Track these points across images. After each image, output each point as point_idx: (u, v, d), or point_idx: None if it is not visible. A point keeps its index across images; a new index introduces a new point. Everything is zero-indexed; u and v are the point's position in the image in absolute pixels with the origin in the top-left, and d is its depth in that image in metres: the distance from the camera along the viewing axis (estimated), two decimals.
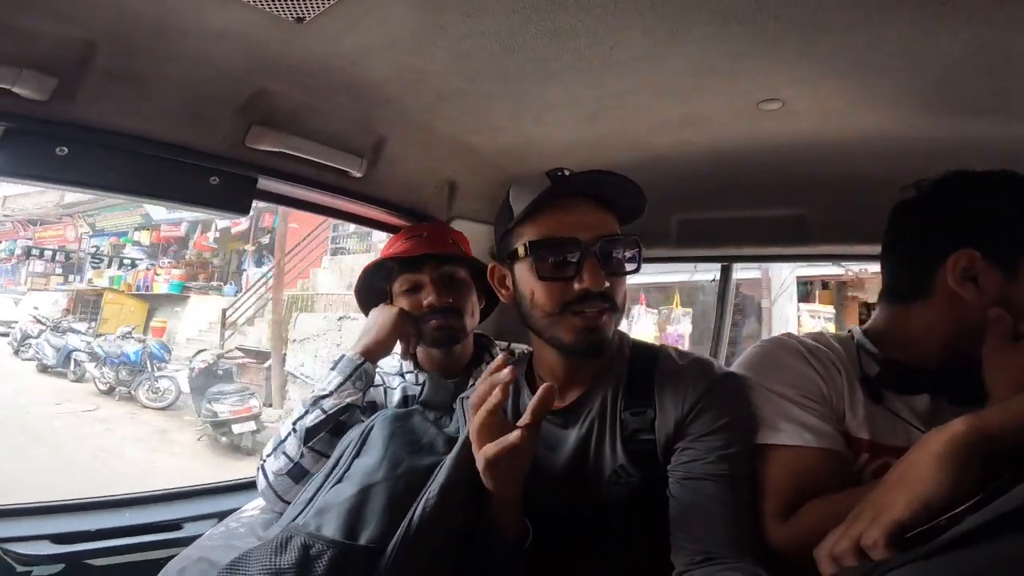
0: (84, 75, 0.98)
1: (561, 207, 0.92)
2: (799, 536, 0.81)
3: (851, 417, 0.91)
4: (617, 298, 0.93)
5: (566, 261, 0.90)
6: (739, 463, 0.88)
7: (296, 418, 1.15)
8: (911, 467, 0.66)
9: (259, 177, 1.25)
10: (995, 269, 0.86)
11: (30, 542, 1.22)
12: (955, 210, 0.90)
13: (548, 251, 0.91)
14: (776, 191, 1.55)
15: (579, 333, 0.91)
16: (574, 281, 0.90)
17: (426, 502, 0.81)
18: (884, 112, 1.16)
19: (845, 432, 0.90)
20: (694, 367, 0.96)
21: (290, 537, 0.79)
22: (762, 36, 0.94)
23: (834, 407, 0.91)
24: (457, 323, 1.30)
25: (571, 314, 0.91)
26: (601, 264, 0.90)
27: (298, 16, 0.90)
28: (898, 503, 0.63)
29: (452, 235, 1.41)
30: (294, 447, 1.11)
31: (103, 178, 1.09)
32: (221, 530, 1.12)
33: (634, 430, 0.93)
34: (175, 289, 11.27)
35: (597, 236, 0.90)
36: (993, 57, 0.94)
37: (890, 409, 0.90)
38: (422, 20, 0.93)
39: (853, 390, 0.92)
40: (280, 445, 1.13)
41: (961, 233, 0.88)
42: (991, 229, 0.87)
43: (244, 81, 1.11)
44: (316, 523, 0.81)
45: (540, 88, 1.16)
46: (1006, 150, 1.13)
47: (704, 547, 0.83)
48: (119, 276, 12.23)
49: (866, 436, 0.89)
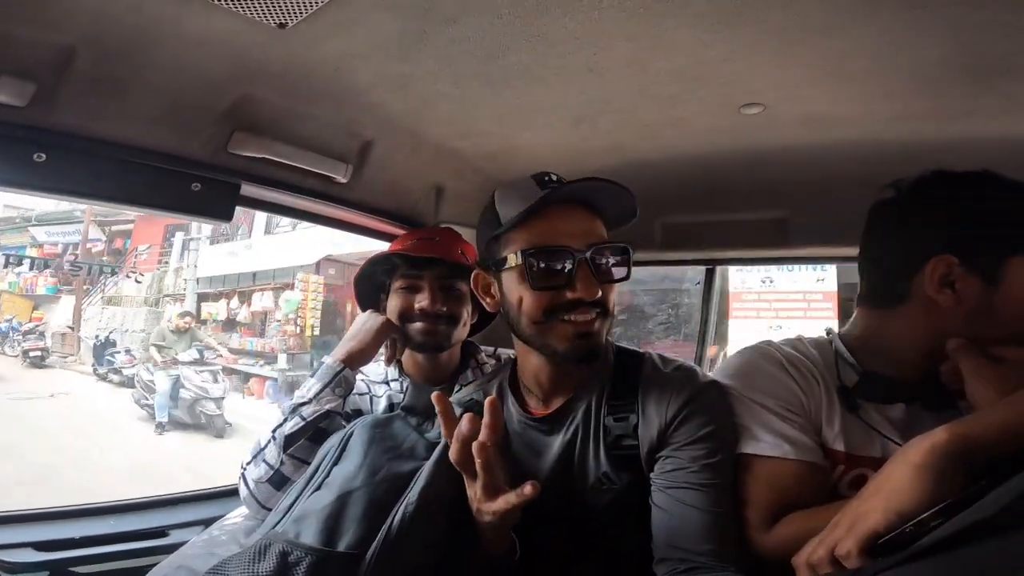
0: (63, 81, 0.97)
1: (552, 215, 0.91)
2: (781, 546, 0.81)
3: (827, 428, 0.91)
4: (608, 304, 0.93)
5: (558, 270, 0.90)
6: (722, 472, 0.88)
7: (276, 426, 1.14)
8: (889, 477, 0.65)
9: (242, 183, 1.24)
10: (974, 276, 0.84)
11: (13, 550, 1.20)
12: (933, 213, 0.88)
13: (540, 260, 0.90)
14: (758, 194, 1.57)
15: (572, 340, 0.91)
16: (566, 290, 0.89)
17: (406, 507, 0.80)
18: (863, 115, 1.18)
19: (822, 444, 0.91)
20: (678, 375, 0.96)
21: (268, 544, 0.79)
22: (743, 41, 0.95)
23: (812, 418, 0.92)
24: (445, 331, 1.29)
25: (561, 321, 0.91)
26: (593, 272, 0.89)
27: (280, 22, 0.90)
28: (874, 513, 0.63)
29: (463, 246, 1.39)
30: (274, 455, 1.10)
31: (82, 185, 1.07)
32: (204, 538, 1.10)
33: (617, 436, 0.93)
34: (51, 291, 16.58)
35: (588, 244, 0.90)
36: (970, 59, 0.96)
37: (864, 420, 0.90)
38: (406, 26, 0.93)
39: (831, 400, 0.92)
40: (260, 453, 1.12)
41: (940, 238, 0.85)
42: (970, 234, 0.84)
43: (226, 87, 1.10)
44: (295, 530, 0.81)
45: (525, 93, 1.16)
46: (984, 152, 1.15)
47: (687, 556, 0.83)
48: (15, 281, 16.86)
49: (842, 448, 0.90)
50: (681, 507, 0.86)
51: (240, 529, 1.12)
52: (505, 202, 0.94)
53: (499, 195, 0.96)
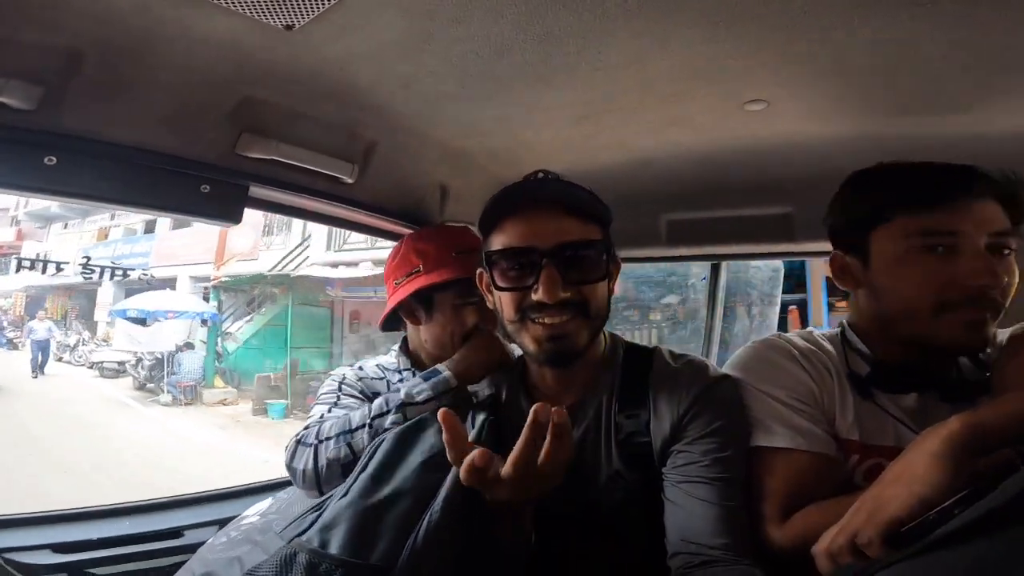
0: (71, 84, 0.98)
1: (522, 215, 0.91)
2: (797, 539, 0.82)
3: (841, 419, 0.92)
4: (589, 305, 0.91)
5: (521, 271, 0.90)
6: (734, 466, 0.89)
7: (375, 415, 1.10)
8: (908, 465, 0.66)
9: (251, 185, 1.24)
10: (855, 259, 0.95)
11: (32, 552, 1.22)
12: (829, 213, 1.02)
13: (503, 261, 0.92)
14: (763, 190, 1.57)
15: (541, 342, 0.91)
16: (531, 292, 0.89)
17: (430, 519, 0.78)
18: (865, 111, 1.19)
19: (835, 434, 0.91)
20: (689, 369, 0.96)
21: (295, 554, 0.76)
22: (746, 38, 0.95)
23: (825, 409, 0.92)
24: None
25: (532, 322, 0.91)
26: (561, 272, 0.88)
27: (287, 23, 0.90)
28: (894, 501, 0.63)
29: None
30: (364, 442, 1.07)
31: (92, 188, 1.08)
32: (222, 540, 1.10)
33: (629, 433, 0.93)
34: None
35: (556, 244, 0.88)
36: (971, 55, 0.96)
37: (879, 406, 0.91)
38: (411, 26, 0.94)
39: (843, 391, 0.93)
40: (348, 435, 1.09)
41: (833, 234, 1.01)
42: (841, 223, 0.98)
43: (233, 89, 1.11)
44: (321, 539, 0.78)
45: (530, 92, 1.17)
46: (986, 147, 1.16)
47: (701, 550, 0.83)
48: None
49: (856, 437, 0.90)
50: (694, 501, 0.86)
51: (256, 528, 1.11)
52: (493, 203, 0.96)
53: (493, 196, 0.97)
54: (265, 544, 0.95)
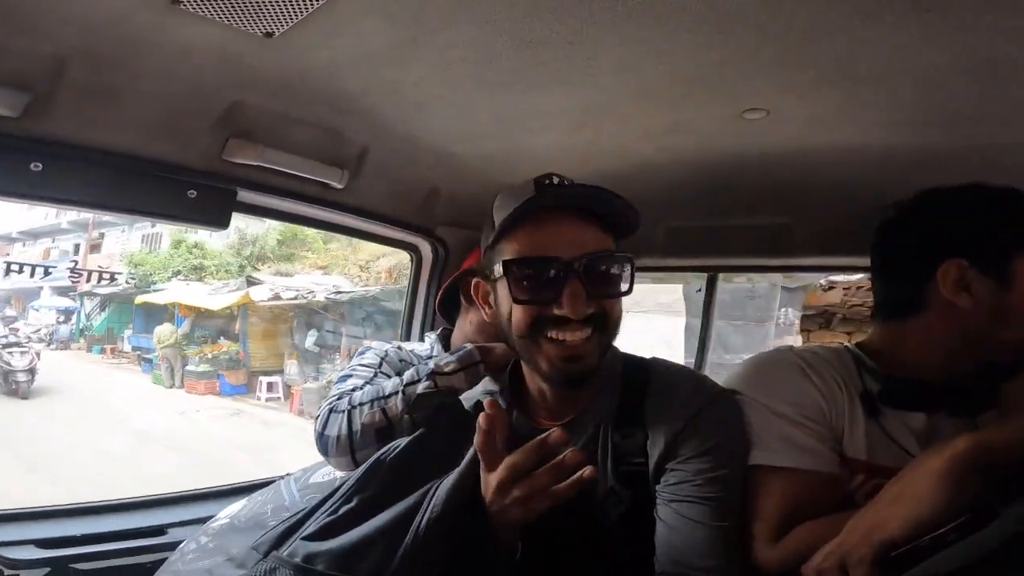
0: (57, 91, 0.98)
1: (543, 221, 0.84)
2: (789, 558, 0.80)
3: (849, 437, 0.88)
4: (608, 320, 0.86)
5: (544, 283, 0.83)
6: (729, 486, 0.85)
7: (407, 382, 1.10)
8: (909, 485, 0.64)
9: (239, 190, 1.24)
10: (986, 277, 0.85)
11: (15, 547, 1.22)
12: (938, 224, 0.90)
13: (524, 271, 0.84)
14: (762, 200, 1.53)
15: (557, 362, 0.85)
16: (553, 305, 0.83)
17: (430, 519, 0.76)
18: (868, 120, 1.14)
19: (842, 452, 0.88)
20: (687, 385, 0.92)
21: (274, 569, 0.75)
22: (744, 45, 0.92)
23: (833, 426, 0.89)
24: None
25: (547, 340, 0.85)
26: (586, 285, 0.82)
27: (267, 31, 0.89)
28: (892, 522, 0.62)
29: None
30: (398, 408, 1.07)
31: (80, 194, 1.08)
32: (192, 547, 1.09)
33: (625, 452, 0.89)
34: None
35: (581, 254, 0.82)
36: (977, 64, 0.92)
37: (884, 428, 0.88)
38: (395, 33, 0.92)
39: (853, 407, 0.89)
40: (382, 400, 1.09)
41: (947, 245, 0.87)
42: (975, 238, 0.87)
43: (218, 94, 1.10)
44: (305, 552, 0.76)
45: (522, 97, 1.15)
46: (991, 158, 1.12)
47: (688, 571, 0.81)
48: None
49: (863, 457, 0.87)
50: (684, 521, 0.83)
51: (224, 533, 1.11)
52: (500, 207, 0.89)
53: (498, 199, 0.91)
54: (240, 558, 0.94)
